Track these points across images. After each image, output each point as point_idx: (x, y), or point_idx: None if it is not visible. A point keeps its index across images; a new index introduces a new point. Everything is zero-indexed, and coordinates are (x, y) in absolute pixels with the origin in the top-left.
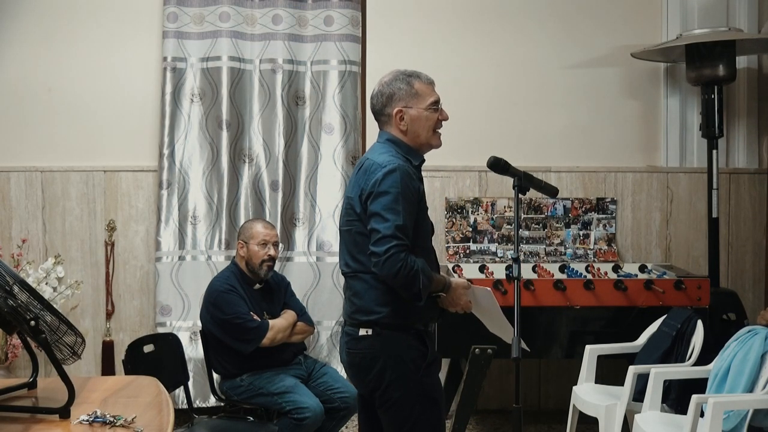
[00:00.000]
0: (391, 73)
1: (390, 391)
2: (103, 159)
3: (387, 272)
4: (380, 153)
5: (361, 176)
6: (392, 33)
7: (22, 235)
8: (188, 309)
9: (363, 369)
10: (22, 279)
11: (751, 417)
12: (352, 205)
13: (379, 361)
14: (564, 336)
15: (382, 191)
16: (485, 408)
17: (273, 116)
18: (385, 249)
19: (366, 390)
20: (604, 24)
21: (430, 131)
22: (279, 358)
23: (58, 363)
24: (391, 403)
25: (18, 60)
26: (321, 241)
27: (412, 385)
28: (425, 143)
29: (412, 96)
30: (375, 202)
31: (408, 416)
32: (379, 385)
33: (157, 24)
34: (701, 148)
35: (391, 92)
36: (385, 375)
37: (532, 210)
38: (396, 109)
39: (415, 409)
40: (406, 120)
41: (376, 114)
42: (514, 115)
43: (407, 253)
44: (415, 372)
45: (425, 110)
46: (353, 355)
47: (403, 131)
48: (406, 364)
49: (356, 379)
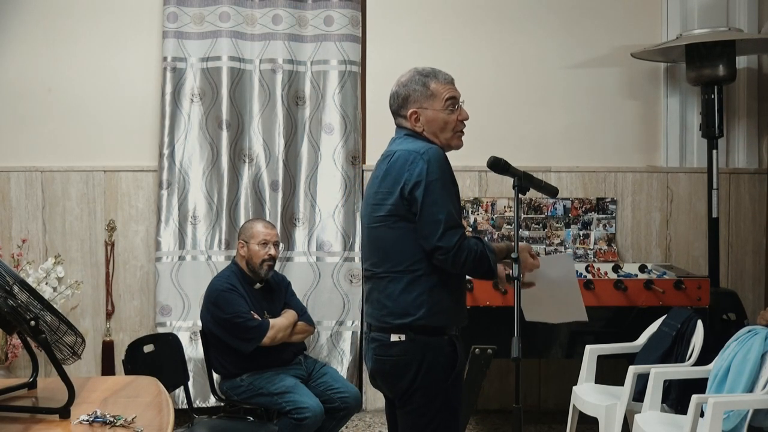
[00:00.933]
0: (409, 72)
1: (416, 397)
2: (103, 159)
3: (458, 263)
4: (410, 143)
5: (398, 168)
6: (392, 33)
7: (22, 235)
8: (188, 309)
9: (394, 376)
10: (22, 279)
11: (751, 417)
12: (385, 199)
13: (412, 367)
14: (564, 336)
15: (434, 178)
16: (485, 408)
17: (273, 116)
18: (455, 242)
19: (396, 397)
20: (604, 24)
21: (448, 132)
22: (279, 358)
23: (58, 363)
24: (414, 407)
25: (18, 60)
26: (321, 241)
27: (438, 393)
28: (444, 144)
29: (427, 97)
30: (427, 191)
31: (427, 424)
32: (407, 391)
33: (157, 24)
34: (701, 148)
35: (407, 93)
36: (416, 381)
37: (532, 210)
38: (411, 110)
39: (436, 418)
40: (421, 121)
41: (394, 114)
42: (514, 115)
43: (468, 239)
44: (444, 380)
45: (441, 111)
46: (383, 362)
47: (420, 132)
48: (437, 372)
49: (385, 386)
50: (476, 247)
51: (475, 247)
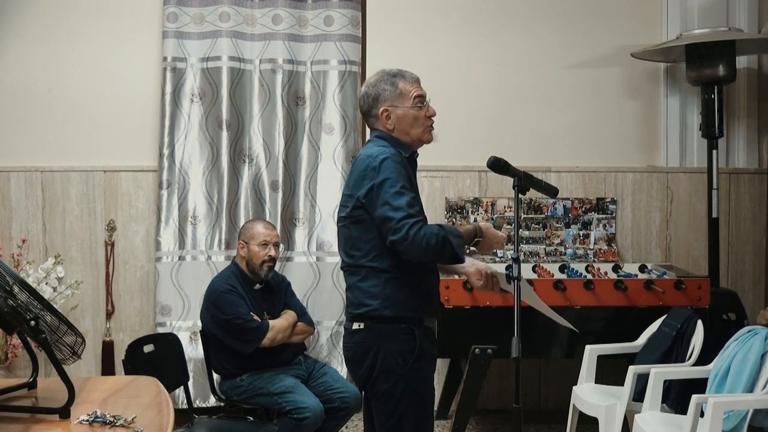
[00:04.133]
0: (376, 74)
1: (378, 383)
2: (103, 159)
3: (418, 252)
4: (372, 147)
5: (357, 173)
6: (392, 33)
7: (22, 235)
8: (188, 309)
9: (356, 362)
10: (22, 279)
11: (751, 417)
12: (347, 201)
13: (370, 353)
14: (564, 336)
15: (382, 179)
16: (485, 408)
17: (273, 116)
18: (404, 233)
19: (360, 383)
20: (604, 24)
21: (418, 128)
22: (279, 358)
23: (58, 363)
24: (379, 394)
25: (18, 60)
26: (321, 241)
27: (398, 379)
28: (416, 140)
29: (397, 96)
30: (379, 191)
31: (394, 409)
32: (369, 377)
33: (157, 24)
34: (701, 148)
35: (377, 93)
36: (375, 367)
37: (532, 210)
38: (382, 108)
39: (401, 402)
40: (392, 119)
41: (365, 115)
42: (515, 115)
43: (425, 226)
44: (402, 366)
45: (411, 108)
46: (348, 348)
47: (390, 129)
48: (394, 357)
49: (352, 373)
50: (436, 231)
51: (435, 231)
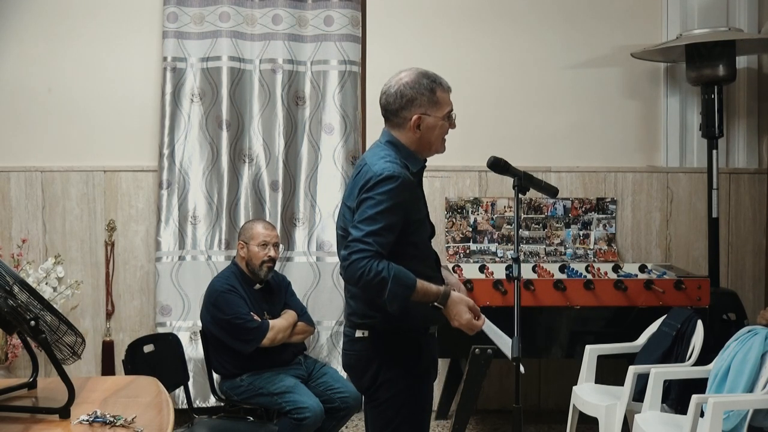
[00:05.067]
0: (412, 72)
1: (380, 392)
2: (103, 159)
3: (349, 277)
4: (379, 157)
5: (358, 185)
6: (392, 33)
7: (22, 235)
8: (188, 309)
9: (358, 370)
10: (22, 279)
11: (751, 417)
12: (348, 210)
13: (374, 363)
14: (564, 336)
15: (366, 197)
16: (485, 408)
17: (273, 116)
18: (347, 253)
19: (361, 390)
20: (604, 24)
21: (439, 139)
22: (279, 358)
23: (58, 363)
24: (378, 402)
25: (18, 60)
26: (321, 241)
27: (402, 389)
28: (433, 150)
29: (433, 104)
30: (360, 207)
31: (392, 419)
32: (371, 386)
33: (157, 24)
34: (701, 148)
35: (413, 96)
36: (378, 376)
37: (532, 210)
38: (415, 115)
39: (401, 412)
40: (422, 127)
41: (390, 113)
42: (514, 115)
43: (373, 260)
44: (405, 376)
45: (441, 119)
46: (349, 356)
47: (416, 137)
48: (400, 367)
49: (353, 380)
50: (381, 271)
51: (379, 270)
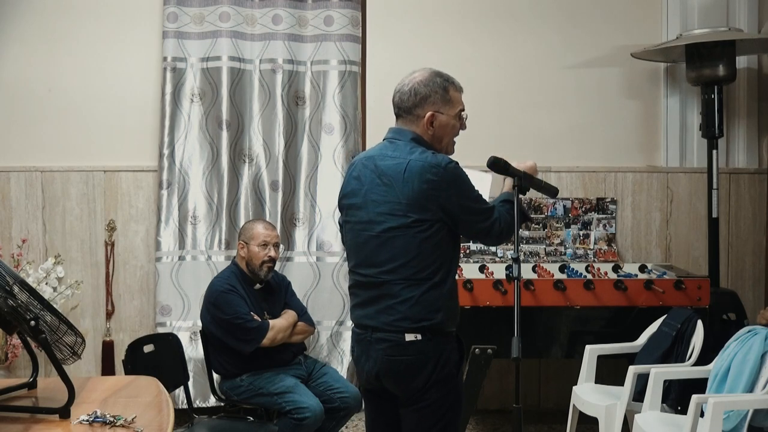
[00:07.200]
0: (425, 71)
1: (431, 392)
2: (103, 159)
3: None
4: (421, 152)
5: (418, 181)
6: (392, 33)
7: (22, 235)
8: (188, 309)
9: (409, 374)
10: (22, 279)
11: (751, 417)
12: (406, 209)
13: (429, 364)
14: (564, 336)
15: (459, 188)
16: (485, 408)
17: (273, 116)
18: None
19: (410, 393)
20: (604, 24)
21: (451, 139)
22: (279, 358)
23: (58, 363)
24: (427, 403)
25: (18, 60)
26: (321, 241)
27: (451, 388)
28: (444, 150)
29: (446, 102)
30: (462, 200)
31: (441, 417)
32: (423, 387)
33: (157, 24)
34: (701, 148)
35: (427, 94)
36: (431, 377)
37: (532, 210)
38: (429, 112)
39: (449, 411)
40: (435, 125)
41: (403, 111)
42: (515, 115)
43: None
44: (455, 375)
45: (453, 118)
46: (397, 362)
47: (429, 135)
48: (450, 367)
49: (396, 385)
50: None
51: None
